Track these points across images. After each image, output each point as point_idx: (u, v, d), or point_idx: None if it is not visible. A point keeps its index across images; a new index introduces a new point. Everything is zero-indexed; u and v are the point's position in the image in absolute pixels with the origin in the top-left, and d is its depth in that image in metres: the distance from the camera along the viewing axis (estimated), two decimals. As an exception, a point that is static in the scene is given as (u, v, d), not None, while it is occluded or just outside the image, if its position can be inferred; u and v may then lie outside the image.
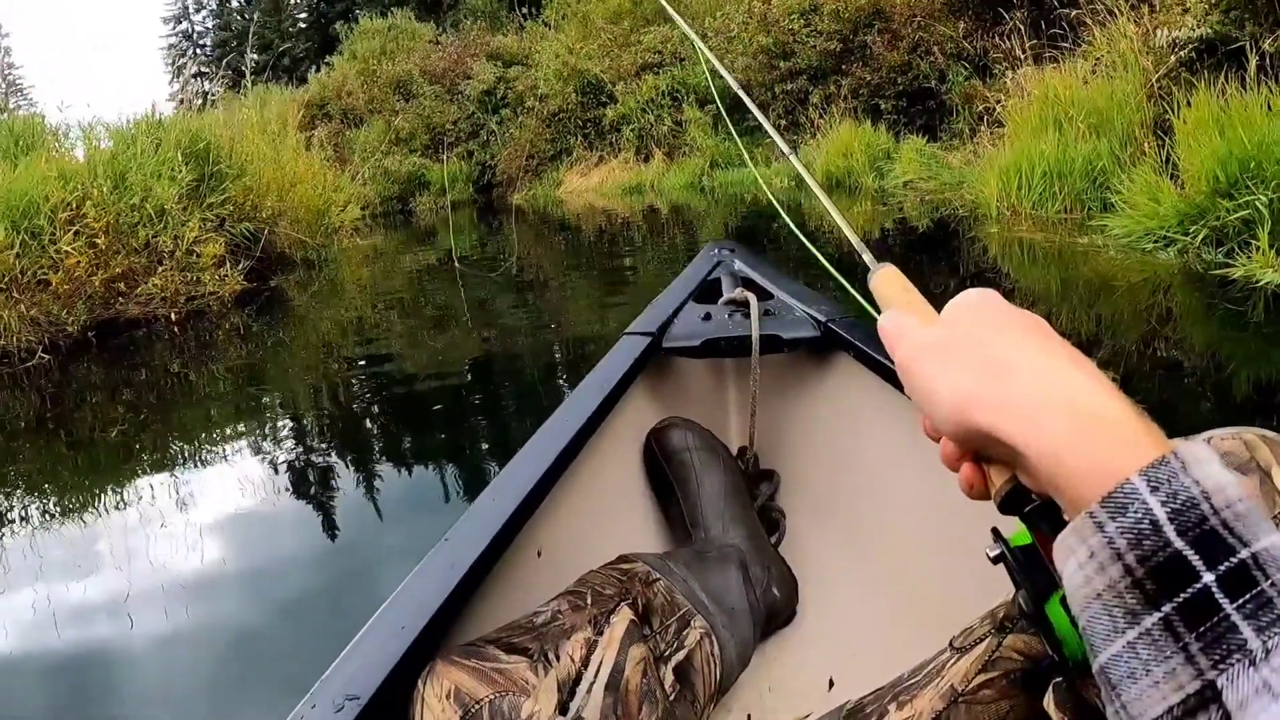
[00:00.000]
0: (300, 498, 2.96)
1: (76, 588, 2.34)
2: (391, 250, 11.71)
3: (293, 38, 42.23)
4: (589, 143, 16.91)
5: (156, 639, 2.05)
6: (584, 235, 11.08)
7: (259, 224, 7.94)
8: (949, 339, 0.47)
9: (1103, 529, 0.35)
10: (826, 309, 1.63)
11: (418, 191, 18.76)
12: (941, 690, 0.76)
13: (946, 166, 8.92)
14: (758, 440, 1.61)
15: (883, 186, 9.52)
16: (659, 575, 1.18)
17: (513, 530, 1.05)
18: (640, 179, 15.00)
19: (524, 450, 1.21)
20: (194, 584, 2.30)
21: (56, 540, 2.72)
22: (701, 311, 1.67)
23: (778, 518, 1.57)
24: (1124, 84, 5.94)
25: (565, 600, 1.05)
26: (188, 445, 3.73)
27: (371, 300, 7.38)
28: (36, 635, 2.15)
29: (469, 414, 3.71)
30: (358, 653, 0.84)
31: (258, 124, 9.30)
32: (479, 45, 20.57)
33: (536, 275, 8.02)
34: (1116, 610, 0.34)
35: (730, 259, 1.90)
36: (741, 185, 12.61)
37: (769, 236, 8.63)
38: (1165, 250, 4.44)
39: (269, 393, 4.59)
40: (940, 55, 10.85)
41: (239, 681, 1.87)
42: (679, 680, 1.05)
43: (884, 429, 1.46)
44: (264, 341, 5.90)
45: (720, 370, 1.76)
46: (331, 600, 2.16)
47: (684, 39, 15.69)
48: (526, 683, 0.86)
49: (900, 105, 11.32)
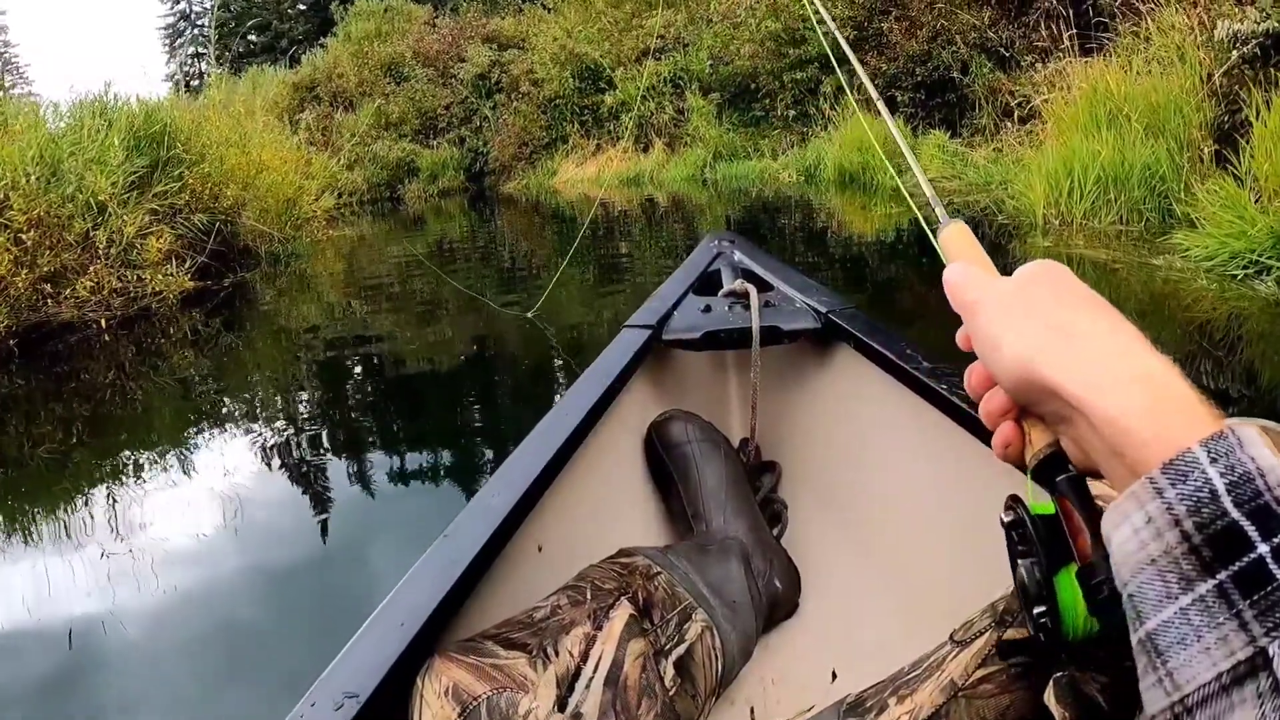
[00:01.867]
0: (264, 515, 2.65)
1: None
2: (374, 240, 11.00)
3: (292, 19, 41.84)
4: (586, 131, 16.09)
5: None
6: (578, 227, 10.39)
7: (220, 215, 7.24)
8: (1020, 294, 0.47)
9: (1162, 494, 0.35)
10: (826, 300, 1.62)
11: (407, 178, 18.01)
12: (942, 684, 0.74)
13: (972, 165, 8.23)
14: (759, 432, 1.61)
15: (901, 184, 8.81)
16: (660, 569, 1.16)
17: (512, 525, 1.04)
18: (639, 170, 14.23)
19: (524, 445, 1.19)
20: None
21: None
22: (701, 303, 1.65)
23: (779, 509, 1.55)
24: (1180, 79, 5.25)
25: (565, 595, 1.03)
26: (110, 471, 3.17)
27: (340, 299, 6.70)
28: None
29: (438, 429, 3.33)
30: (357, 650, 0.82)
31: (223, 104, 8.62)
32: (475, 28, 19.72)
33: (529, 267, 7.34)
34: (1171, 576, 0.34)
35: (730, 250, 1.88)
36: (746, 178, 11.88)
37: (773, 230, 7.95)
38: (1260, 279, 3.75)
39: (211, 408, 3.94)
40: (963, 45, 10.14)
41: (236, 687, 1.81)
42: (680, 674, 1.04)
43: (885, 420, 1.45)
44: (211, 347, 5.22)
45: (721, 362, 1.75)
46: (330, 599, 2.11)
47: (688, 23, 14.96)
48: (525, 678, 0.85)
49: (918, 97, 10.60)
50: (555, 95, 16.31)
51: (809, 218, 8.67)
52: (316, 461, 3.11)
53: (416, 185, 17.69)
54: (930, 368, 1.29)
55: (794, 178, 10.91)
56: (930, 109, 10.55)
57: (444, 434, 3.26)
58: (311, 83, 20.78)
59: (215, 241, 7.27)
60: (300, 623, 2.03)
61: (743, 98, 13.91)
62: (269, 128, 17.47)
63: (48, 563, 2.41)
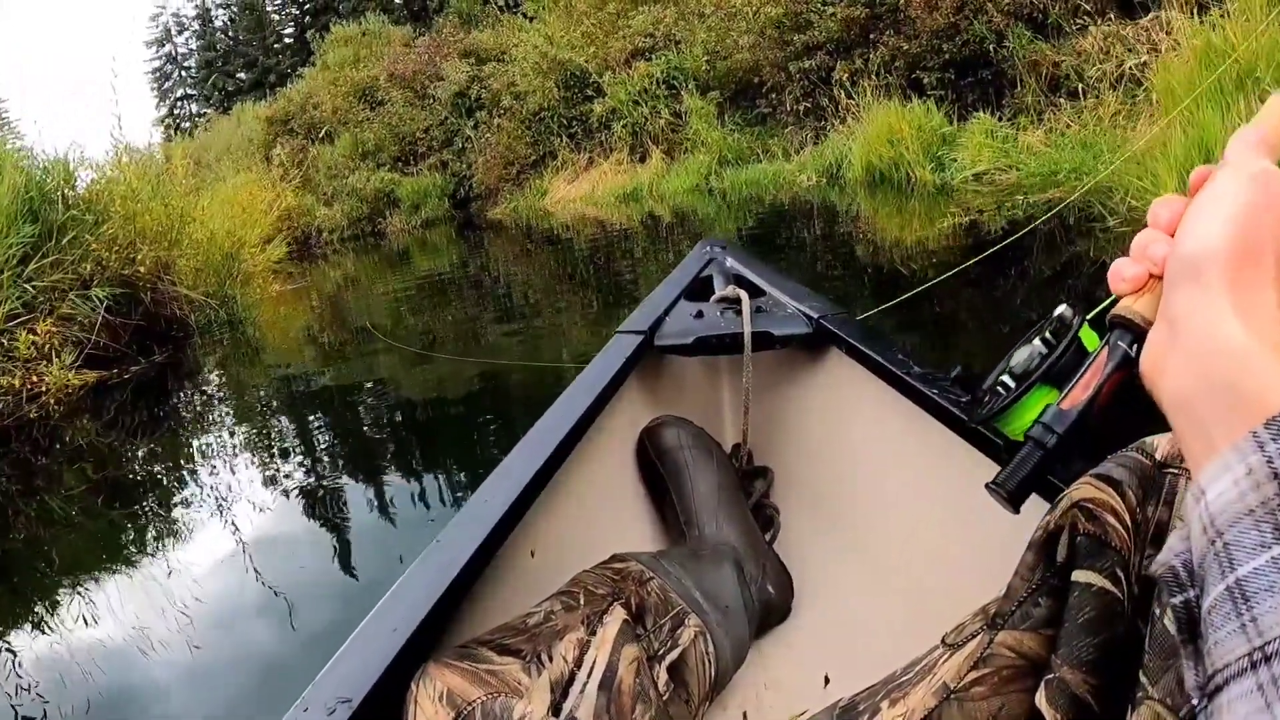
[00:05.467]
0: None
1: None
2: (342, 287, 9.78)
3: (278, 54, 41.57)
4: (575, 143, 14.77)
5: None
6: (575, 250, 9.13)
7: (140, 282, 6.05)
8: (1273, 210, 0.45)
9: (1263, 448, 0.36)
10: (818, 305, 1.63)
11: (387, 210, 16.81)
12: (934, 687, 0.74)
13: (1028, 151, 6.91)
14: (751, 437, 1.60)
15: (942, 180, 7.46)
16: (653, 574, 1.16)
17: (505, 531, 1.04)
18: (637, 183, 12.90)
19: (516, 450, 1.20)
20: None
21: None
22: (693, 309, 1.66)
23: (772, 514, 1.55)
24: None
25: (558, 600, 1.02)
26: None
27: (278, 381, 5.46)
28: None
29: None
30: (350, 655, 0.83)
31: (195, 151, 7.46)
32: (452, 44, 18.52)
33: (525, 299, 6.08)
34: (1266, 525, 0.35)
35: (722, 256, 1.88)
36: (758, 184, 10.55)
37: (795, 246, 6.68)
38: None
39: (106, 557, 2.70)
40: (995, 12, 8.82)
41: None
42: (673, 679, 1.04)
43: (877, 424, 1.46)
44: (98, 466, 4.00)
45: (713, 368, 1.76)
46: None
47: (678, 19, 13.70)
48: (519, 684, 0.85)
49: (947, 78, 9.27)
50: (540, 108, 15.02)
51: (837, 227, 7.35)
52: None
53: (399, 217, 16.50)
54: (922, 373, 1.29)
55: (813, 180, 9.58)
56: (961, 90, 9.23)
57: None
58: (285, 115, 19.72)
59: (138, 314, 6.09)
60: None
61: (745, 94, 12.58)
62: (241, 167, 16.48)
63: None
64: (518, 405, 3.77)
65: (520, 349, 4.92)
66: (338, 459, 3.67)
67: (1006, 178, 6.69)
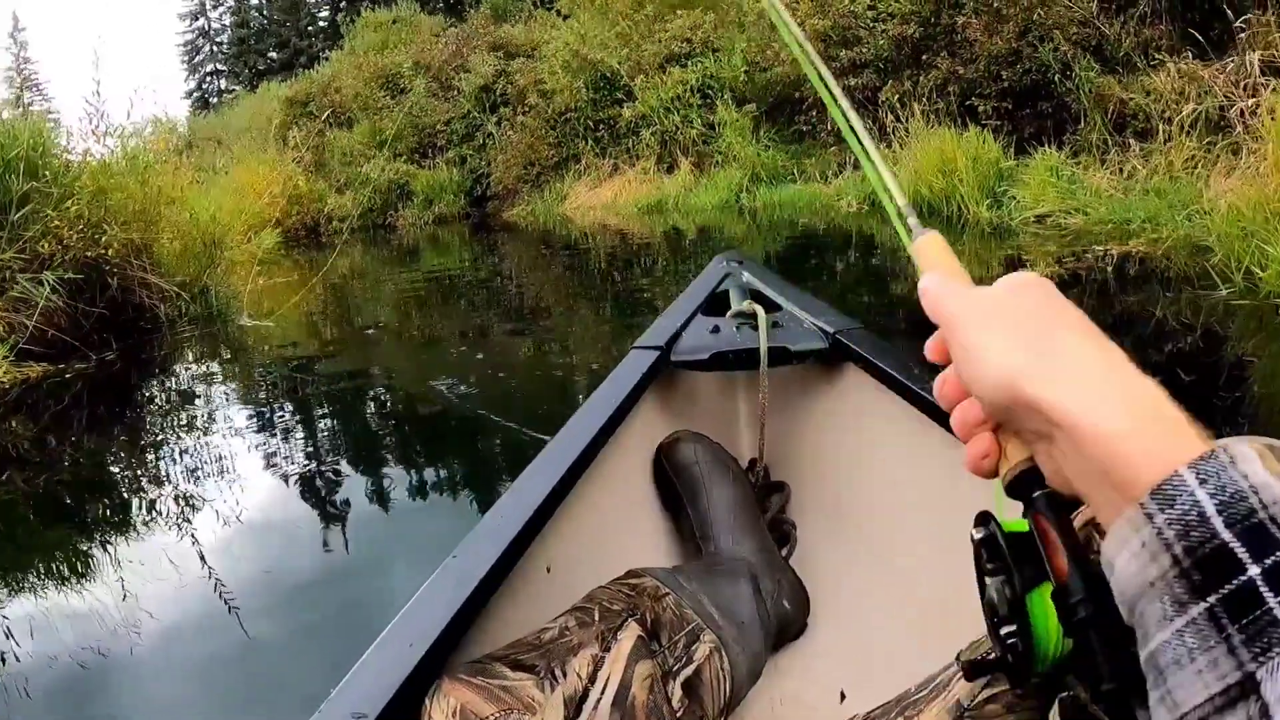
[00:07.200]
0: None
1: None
2: (340, 281, 9.18)
3: (311, 36, 41.42)
4: (601, 148, 14.13)
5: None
6: (596, 261, 8.51)
7: (106, 266, 5.46)
8: (1004, 306, 0.46)
9: (1152, 520, 0.35)
10: (834, 320, 1.62)
11: (400, 203, 16.21)
12: (948, 705, 0.74)
13: (1094, 194, 6.25)
14: (767, 452, 1.60)
15: (999, 219, 6.79)
16: (668, 590, 1.15)
17: (521, 546, 1.04)
18: (663, 194, 12.26)
19: (533, 466, 1.19)
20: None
21: None
22: (710, 324, 1.65)
23: (788, 530, 1.53)
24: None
25: (573, 616, 1.02)
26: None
27: (257, 383, 4.86)
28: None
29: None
30: (365, 670, 0.82)
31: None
32: (481, 36, 17.94)
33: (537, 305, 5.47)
34: (1166, 599, 0.35)
35: (738, 271, 1.87)
36: (793, 206, 9.91)
37: (830, 273, 6.06)
38: None
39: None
40: (1064, 41, 8.17)
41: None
42: (688, 695, 1.03)
43: (893, 440, 1.45)
44: (28, 476, 3.41)
45: (729, 383, 1.74)
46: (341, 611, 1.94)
47: (717, 26, 13.09)
48: (533, 700, 0.85)
49: (1004, 107, 8.62)
50: (566, 108, 14.39)
51: (873, 259, 6.71)
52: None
53: (411, 211, 15.89)
54: None
55: (853, 206, 8.93)
56: (1019, 121, 8.58)
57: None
58: (306, 97, 19.17)
59: (102, 302, 5.50)
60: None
61: (783, 109, 11.96)
62: (256, 147, 15.95)
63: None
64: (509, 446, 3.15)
65: (530, 362, 4.31)
66: (290, 482, 3.06)
67: (1072, 221, 6.04)
